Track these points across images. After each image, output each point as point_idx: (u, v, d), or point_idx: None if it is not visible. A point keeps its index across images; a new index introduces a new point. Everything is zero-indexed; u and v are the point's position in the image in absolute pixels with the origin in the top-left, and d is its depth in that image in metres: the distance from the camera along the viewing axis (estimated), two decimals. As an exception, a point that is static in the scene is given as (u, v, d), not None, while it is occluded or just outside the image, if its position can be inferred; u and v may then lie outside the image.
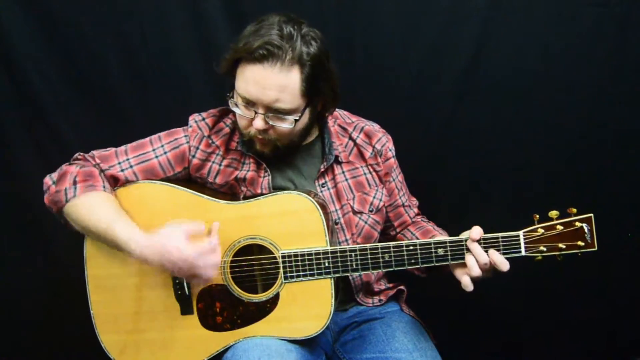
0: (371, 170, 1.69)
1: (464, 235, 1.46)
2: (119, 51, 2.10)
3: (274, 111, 1.46)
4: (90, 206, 1.49)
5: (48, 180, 1.57)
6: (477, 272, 1.41)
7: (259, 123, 1.47)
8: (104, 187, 1.53)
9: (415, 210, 1.83)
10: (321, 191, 1.63)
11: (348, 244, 1.61)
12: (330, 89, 1.54)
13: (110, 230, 1.44)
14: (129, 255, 1.44)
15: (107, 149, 1.63)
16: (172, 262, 1.39)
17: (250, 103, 1.47)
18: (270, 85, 1.43)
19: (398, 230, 1.79)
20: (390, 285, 1.79)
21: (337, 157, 1.64)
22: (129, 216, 1.49)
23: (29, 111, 2.11)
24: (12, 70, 2.07)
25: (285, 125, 1.49)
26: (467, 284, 1.42)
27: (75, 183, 1.51)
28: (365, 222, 1.66)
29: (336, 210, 1.62)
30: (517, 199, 2.18)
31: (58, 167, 1.59)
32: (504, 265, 1.41)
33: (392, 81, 2.15)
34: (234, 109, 1.52)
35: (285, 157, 1.64)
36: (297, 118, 1.49)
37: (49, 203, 1.56)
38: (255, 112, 1.47)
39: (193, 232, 1.42)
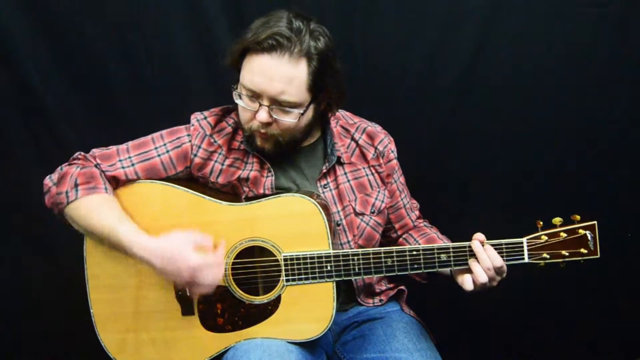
0: (373, 171, 1.69)
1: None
2: (119, 51, 2.09)
3: (279, 104, 1.45)
4: (93, 208, 1.48)
5: (48, 181, 1.56)
6: (483, 278, 1.41)
7: (263, 115, 1.45)
8: (105, 188, 1.52)
9: (417, 213, 1.82)
10: (323, 192, 1.62)
11: (350, 246, 1.61)
12: (335, 87, 1.53)
13: (114, 233, 1.44)
14: (132, 258, 1.44)
15: (108, 147, 1.61)
16: (176, 269, 1.39)
17: (254, 95, 1.46)
18: (277, 76, 1.41)
19: (399, 233, 1.78)
20: (391, 285, 1.79)
21: (339, 158, 1.63)
22: (130, 217, 1.49)
23: (29, 111, 2.10)
24: (12, 70, 2.06)
25: (289, 119, 1.47)
26: (468, 283, 1.43)
27: (76, 185, 1.50)
28: (367, 224, 1.65)
29: (338, 211, 1.61)
30: (517, 200, 2.19)
31: (58, 167, 1.58)
32: (497, 260, 1.41)
33: (392, 81, 2.14)
34: (238, 101, 1.50)
35: (288, 157, 1.63)
36: (302, 112, 1.47)
37: (50, 205, 1.56)
38: (260, 105, 1.45)
39: (200, 244, 1.42)
